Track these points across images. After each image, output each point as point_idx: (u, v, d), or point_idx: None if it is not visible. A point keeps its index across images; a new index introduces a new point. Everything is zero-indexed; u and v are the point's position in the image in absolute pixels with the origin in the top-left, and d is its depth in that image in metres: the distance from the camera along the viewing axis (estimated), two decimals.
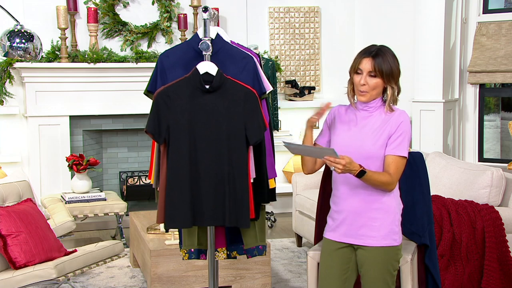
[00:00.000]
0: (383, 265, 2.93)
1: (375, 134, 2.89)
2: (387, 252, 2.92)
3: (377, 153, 2.88)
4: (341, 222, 2.96)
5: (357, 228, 2.93)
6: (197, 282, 4.41)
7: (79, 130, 6.59)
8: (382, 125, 2.90)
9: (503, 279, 4.22)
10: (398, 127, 2.88)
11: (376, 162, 2.88)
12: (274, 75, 6.61)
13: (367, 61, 2.86)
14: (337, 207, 2.98)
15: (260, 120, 3.06)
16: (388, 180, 2.85)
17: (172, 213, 3.05)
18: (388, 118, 2.91)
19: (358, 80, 2.88)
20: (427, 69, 6.52)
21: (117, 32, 6.62)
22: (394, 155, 2.87)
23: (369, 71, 2.86)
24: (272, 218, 6.75)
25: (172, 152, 3.05)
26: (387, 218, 2.91)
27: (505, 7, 6.49)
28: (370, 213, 2.90)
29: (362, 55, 2.88)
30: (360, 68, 2.87)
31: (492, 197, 4.52)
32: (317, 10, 7.38)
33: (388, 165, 2.87)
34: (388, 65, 2.86)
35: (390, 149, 2.88)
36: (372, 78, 2.86)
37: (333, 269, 3.00)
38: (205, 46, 3.08)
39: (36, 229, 4.12)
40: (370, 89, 2.87)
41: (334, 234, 3.00)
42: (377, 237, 2.90)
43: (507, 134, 6.44)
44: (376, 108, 2.93)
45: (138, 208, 6.78)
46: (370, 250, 2.92)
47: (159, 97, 3.04)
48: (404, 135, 2.88)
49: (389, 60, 2.87)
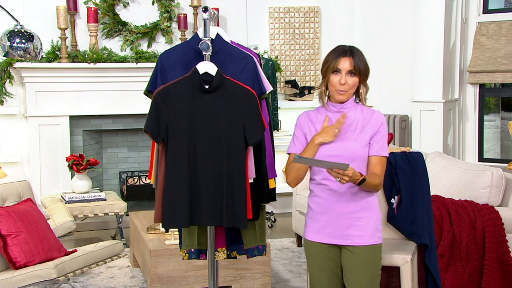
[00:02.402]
0: (370, 265, 2.93)
1: (357, 134, 2.91)
2: (373, 250, 2.93)
3: (362, 153, 2.90)
4: (326, 224, 2.95)
5: (343, 229, 2.93)
6: (197, 282, 4.41)
7: (79, 130, 6.59)
8: (363, 125, 2.92)
9: (503, 279, 4.22)
10: (379, 128, 2.92)
11: (360, 164, 2.90)
12: (274, 75, 6.61)
13: (345, 60, 2.87)
14: (320, 208, 2.97)
15: (259, 120, 3.06)
16: (378, 181, 2.89)
17: (169, 212, 3.05)
18: (367, 118, 2.93)
19: (338, 80, 2.88)
20: (427, 69, 6.52)
21: (117, 32, 6.62)
22: (380, 156, 2.91)
23: (348, 70, 2.87)
24: (272, 218, 6.75)
25: (170, 151, 3.05)
26: (372, 217, 2.94)
27: (505, 7, 6.49)
28: (356, 212, 2.91)
29: (339, 55, 2.89)
30: (339, 67, 2.88)
31: (492, 197, 4.52)
32: (317, 10, 7.39)
33: (375, 166, 2.90)
34: (363, 64, 2.90)
35: (375, 150, 2.91)
36: (351, 77, 2.88)
37: (325, 273, 3.00)
38: (205, 46, 3.08)
39: (36, 229, 4.12)
40: (349, 88, 2.89)
41: (318, 236, 2.98)
42: (364, 236, 2.92)
43: (507, 134, 6.44)
44: (350, 108, 2.95)
45: (138, 208, 6.78)
46: (357, 250, 2.92)
47: (158, 96, 3.04)
48: (385, 136, 2.94)
49: (362, 58, 2.91)
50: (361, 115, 2.94)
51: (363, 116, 2.93)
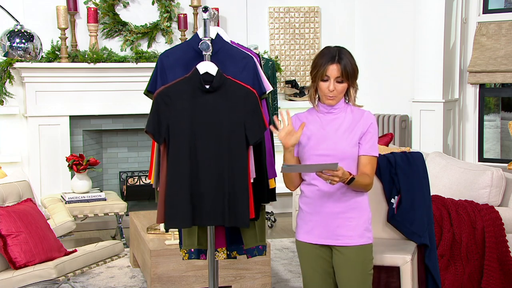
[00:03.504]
0: (360, 265, 2.93)
1: (347, 134, 2.92)
2: (364, 250, 2.94)
3: (352, 153, 2.91)
4: (316, 224, 2.96)
5: (333, 229, 2.93)
6: (197, 282, 4.41)
7: (79, 130, 6.59)
8: (353, 125, 2.93)
9: (503, 279, 4.22)
10: (369, 127, 2.93)
11: (350, 163, 2.91)
12: (274, 75, 6.61)
13: (333, 67, 2.87)
14: (310, 209, 2.98)
15: (260, 120, 3.07)
16: (369, 181, 2.91)
17: (171, 213, 3.05)
18: (357, 118, 2.94)
19: (326, 87, 2.90)
20: (427, 69, 6.53)
21: (117, 32, 6.62)
22: (370, 156, 2.92)
23: (336, 77, 2.88)
24: (272, 218, 6.75)
25: (172, 152, 3.05)
26: (362, 217, 2.94)
27: (505, 7, 6.50)
28: (346, 213, 2.92)
29: (327, 61, 2.88)
30: (327, 75, 2.88)
31: (492, 197, 4.52)
32: (317, 10, 7.39)
33: (365, 165, 2.91)
34: (351, 67, 2.89)
35: (365, 150, 2.92)
36: (339, 83, 2.90)
37: (317, 273, 3.01)
38: (205, 46, 3.08)
39: (36, 229, 4.12)
40: (338, 93, 2.91)
41: (309, 236, 2.99)
42: (354, 236, 2.92)
43: (507, 134, 6.44)
44: (340, 110, 2.97)
45: (138, 208, 6.78)
46: (347, 250, 2.92)
47: (159, 97, 3.04)
48: (375, 136, 2.95)
49: (350, 61, 2.90)
50: (351, 116, 2.95)
51: (353, 116, 2.95)
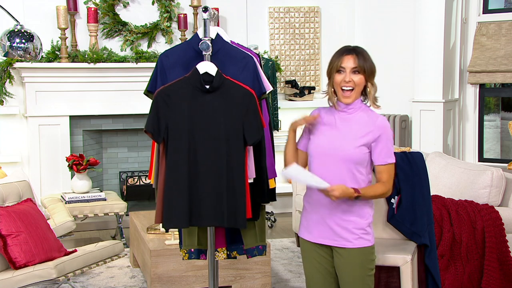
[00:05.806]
0: (359, 266, 2.93)
1: (354, 136, 2.88)
2: (362, 252, 2.92)
3: (356, 156, 2.86)
4: (316, 223, 2.96)
5: (332, 230, 2.93)
6: (197, 282, 4.41)
7: (79, 130, 6.59)
8: (363, 129, 2.88)
9: (503, 279, 4.22)
10: (381, 135, 2.87)
11: (352, 166, 2.87)
12: (274, 75, 6.61)
13: (348, 58, 2.86)
14: (311, 208, 2.99)
15: (259, 121, 3.06)
16: (384, 190, 2.89)
17: (169, 213, 3.05)
18: (370, 122, 2.89)
19: (342, 78, 2.86)
20: (427, 69, 6.52)
21: (117, 32, 6.62)
22: (385, 164, 2.89)
23: (352, 68, 2.85)
24: (272, 218, 6.75)
25: (170, 151, 3.05)
26: (361, 220, 2.92)
27: (505, 7, 6.49)
28: (344, 215, 2.90)
29: (342, 53, 2.87)
30: (343, 66, 2.86)
31: (492, 197, 4.52)
32: (317, 10, 7.39)
33: (381, 173, 2.89)
34: (368, 62, 2.88)
35: (379, 160, 2.88)
36: (356, 74, 2.86)
37: (319, 272, 3.01)
38: (205, 46, 3.08)
39: (36, 229, 4.12)
40: (355, 85, 2.86)
41: (310, 235, 3.00)
42: (350, 239, 2.91)
43: (507, 134, 6.44)
44: (355, 110, 2.92)
45: (138, 208, 6.78)
46: (345, 252, 2.92)
47: (159, 96, 3.04)
48: (389, 142, 2.89)
49: (368, 57, 2.89)
50: (364, 118, 2.90)
51: (366, 119, 2.90)
